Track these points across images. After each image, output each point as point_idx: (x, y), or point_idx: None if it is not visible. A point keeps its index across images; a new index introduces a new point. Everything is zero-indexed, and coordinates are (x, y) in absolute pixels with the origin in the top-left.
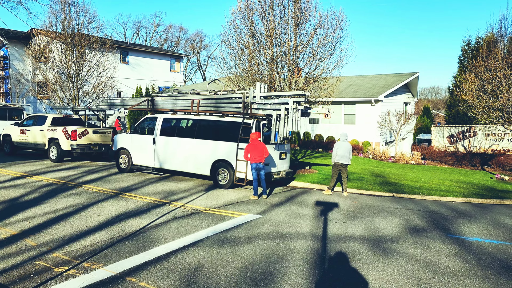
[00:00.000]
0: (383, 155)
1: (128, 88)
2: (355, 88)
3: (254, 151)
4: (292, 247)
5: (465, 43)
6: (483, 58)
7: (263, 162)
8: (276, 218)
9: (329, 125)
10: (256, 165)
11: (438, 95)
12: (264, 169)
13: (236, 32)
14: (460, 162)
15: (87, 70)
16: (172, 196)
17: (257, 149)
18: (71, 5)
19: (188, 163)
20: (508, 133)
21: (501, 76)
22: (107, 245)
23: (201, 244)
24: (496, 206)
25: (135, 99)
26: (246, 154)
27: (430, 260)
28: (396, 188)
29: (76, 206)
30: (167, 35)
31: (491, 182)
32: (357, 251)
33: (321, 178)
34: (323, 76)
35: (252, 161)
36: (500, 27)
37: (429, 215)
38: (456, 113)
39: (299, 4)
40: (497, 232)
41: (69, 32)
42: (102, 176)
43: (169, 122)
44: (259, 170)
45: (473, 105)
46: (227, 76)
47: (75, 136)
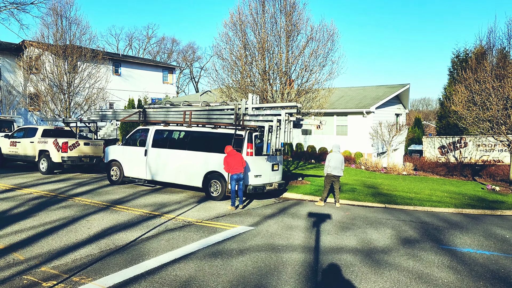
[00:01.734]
0: (375, 166)
1: (120, 100)
2: (347, 100)
3: (233, 162)
4: (285, 259)
5: (455, 55)
6: (472, 70)
7: (242, 172)
8: (268, 230)
9: (321, 136)
10: (237, 176)
11: (429, 106)
12: (243, 180)
13: (229, 44)
14: (452, 172)
15: (79, 81)
16: (164, 208)
17: (235, 160)
18: (64, 17)
19: (180, 175)
20: (498, 144)
21: (490, 88)
22: (97, 258)
23: (192, 257)
24: (487, 216)
25: (127, 111)
26: (226, 166)
27: (422, 272)
28: (388, 199)
29: (66, 219)
30: (159, 47)
31: (482, 192)
32: (349, 263)
33: (313, 190)
34: (315, 87)
35: (233, 172)
36: (488, 39)
37: (421, 226)
38: (447, 124)
39: (291, 16)
40: (488, 243)
41: (61, 44)
42: (93, 188)
43: (161, 133)
44: (239, 180)
45: (463, 116)
46: (219, 88)
47: (66, 148)
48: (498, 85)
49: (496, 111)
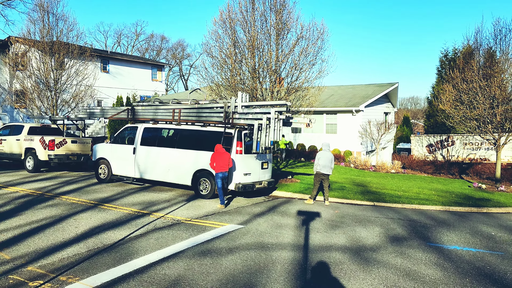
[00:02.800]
0: (364, 164)
1: (109, 97)
2: (336, 98)
3: (219, 160)
4: (274, 257)
5: (443, 55)
6: (460, 69)
7: (227, 171)
8: (258, 228)
9: (311, 135)
10: (222, 174)
11: (417, 105)
12: (227, 179)
13: (218, 41)
14: (439, 171)
15: (66, 78)
16: (153, 207)
17: (222, 159)
18: (50, 13)
19: (169, 173)
20: (484, 142)
21: (477, 87)
22: (84, 257)
23: (181, 256)
24: (474, 214)
25: (115, 109)
26: (212, 163)
27: (410, 269)
28: (377, 197)
29: (52, 217)
30: (148, 44)
31: (469, 190)
32: (338, 261)
33: (303, 188)
34: (305, 86)
35: (217, 170)
36: (475, 39)
37: (409, 223)
38: (434, 122)
39: (281, 14)
40: (474, 240)
41: (48, 40)
42: (81, 186)
43: (150, 131)
44: (224, 179)
45: (451, 115)
46: (209, 86)
47: (53, 146)
48: (485, 85)
49: (483, 110)
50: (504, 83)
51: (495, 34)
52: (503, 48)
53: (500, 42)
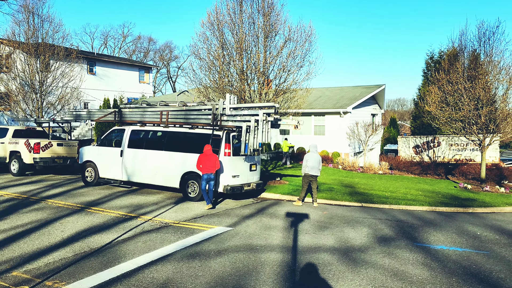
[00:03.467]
0: (352, 165)
1: (95, 100)
2: (324, 100)
3: (205, 162)
4: (263, 259)
5: (429, 57)
6: (445, 71)
7: (213, 173)
8: (246, 230)
9: (299, 136)
10: (207, 176)
11: (404, 107)
12: (214, 180)
13: (206, 43)
14: (426, 171)
15: (51, 80)
16: (140, 210)
17: (209, 160)
18: (36, 14)
19: (157, 175)
20: (470, 143)
21: (462, 89)
22: (70, 262)
23: (169, 259)
24: (460, 214)
25: (102, 111)
26: (198, 165)
27: (397, 269)
28: (365, 198)
29: (38, 222)
30: (136, 46)
31: (455, 190)
32: (327, 262)
33: (291, 189)
34: (293, 87)
35: (203, 172)
36: (460, 41)
37: (397, 224)
38: (421, 124)
39: (268, 17)
40: (461, 240)
41: (33, 42)
42: (67, 190)
43: (137, 134)
44: (209, 180)
45: (437, 116)
46: (197, 88)
47: (38, 149)
48: (470, 86)
49: (468, 111)
50: (488, 85)
51: (479, 37)
52: (487, 51)
53: (484, 44)
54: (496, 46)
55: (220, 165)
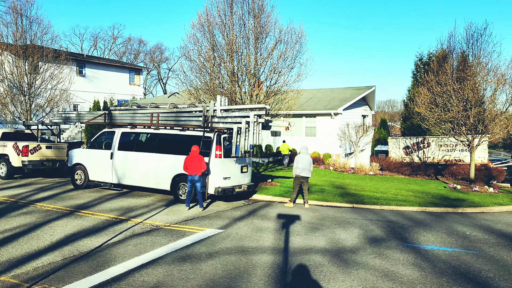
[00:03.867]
0: (343, 166)
1: (85, 102)
2: (315, 101)
3: (191, 163)
4: (254, 261)
5: (418, 58)
6: (434, 72)
7: (199, 175)
8: (238, 232)
9: (291, 138)
10: (191, 177)
11: (394, 108)
12: (199, 182)
13: (197, 45)
14: (416, 172)
15: (40, 82)
16: (131, 213)
17: (194, 161)
18: (24, 16)
19: (147, 178)
20: (459, 144)
21: (451, 90)
22: (60, 266)
23: (160, 262)
24: (449, 214)
25: (92, 113)
26: (184, 166)
27: (388, 270)
28: (356, 199)
29: (27, 225)
30: (126, 48)
31: (444, 191)
32: (318, 263)
33: (283, 191)
34: (284, 89)
35: (188, 173)
36: (449, 43)
37: (387, 224)
38: (411, 125)
39: (259, 18)
40: (450, 240)
41: (21, 43)
42: (56, 193)
43: (128, 136)
44: (194, 182)
45: (426, 118)
46: (187, 90)
47: (27, 151)
48: (458, 87)
49: (457, 112)
50: (477, 86)
51: (467, 39)
52: (475, 52)
53: (472, 46)
54: (484, 48)
55: (207, 167)
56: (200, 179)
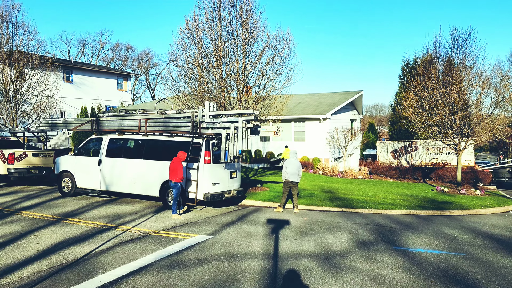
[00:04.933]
0: (333, 171)
1: (73, 108)
2: (304, 106)
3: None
4: (244, 267)
5: (405, 63)
6: (421, 77)
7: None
8: (227, 238)
9: (280, 143)
10: (173, 184)
11: (382, 112)
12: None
13: (185, 51)
14: (404, 175)
15: (26, 89)
16: (119, 220)
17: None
18: (9, 22)
19: (136, 184)
20: (446, 147)
21: (437, 94)
22: (46, 275)
23: (149, 269)
24: (437, 217)
25: (79, 120)
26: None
27: (377, 273)
28: (345, 203)
29: (12, 234)
30: (114, 54)
31: (432, 194)
32: (308, 268)
33: (272, 196)
34: (272, 94)
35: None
36: (434, 48)
37: (376, 228)
38: (398, 129)
39: (247, 24)
40: (438, 242)
41: (7, 50)
42: (43, 201)
43: (116, 142)
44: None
45: (413, 121)
46: (176, 95)
47: (13, 159)
48: (444, 92)
49: (443, 116)
50: (462, 90)
51: (453, 44)
52: (460, 57)
53: (457, 51)
54: (468, 53)
55: (185, 172)
56: (175, 185)
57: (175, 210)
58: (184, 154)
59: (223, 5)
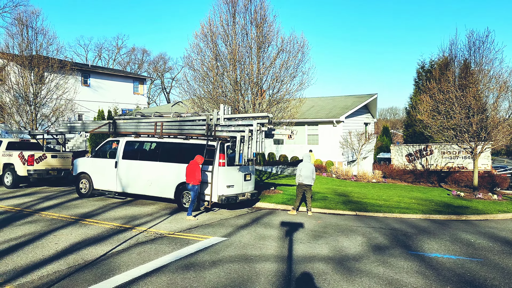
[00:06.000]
0: (346, 174)
1: (90, 111)
2: (317, 109)
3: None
4: (258, 269)
5: (420, 66)
6: (436, 80)
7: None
8: (241, 240)
9: (293, 146)
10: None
11: (396, 115)
12: (192, 191)
13: (200, 55)
14: (419, 179)
15: (46, 93)
16: (135, 221)
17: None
18: (29, 27)
19: (151, 186)
20: (462, 151)
21: (453, 97)
22: (64, 275)
23: (164, 270)
24: (453, 221)
25: (97, 122)
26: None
27: (392, 278)
28: (358, 207)
29: (32, 234)
30: (130, 58)
31: (448, 198)
32: (322, 271)
33: (286, 199)
34: (286, 97)
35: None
36: (450, 51)
37: (391, 232)
38: (413, 132)
39: (261, 28)
40: (455, 248)
41: (27, 54)
42: (61, 202)
43: (132, 145)
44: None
45: (429, 125)
46: (191, 98)
47: (32, 161)
48: (461, 95)
49: (459, 120)
50: (479, 93)
51: (469, 46)
52: (477, 60)
53: (474, 53)
54: (486, 55)
55: (203, 175)
56: (193, 187)
57: (191, 212)
58: (201, 158)
59: (237, 9)
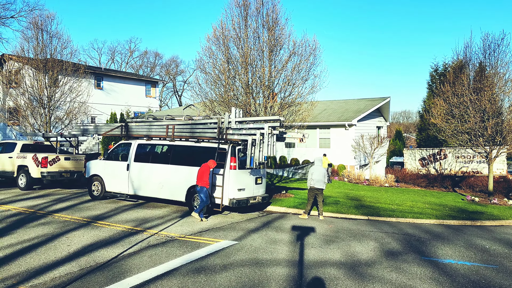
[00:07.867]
0: (358, 178)
1: (102, 114)
2: (329, 113)
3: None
4: (269, 274)
5: (433, 69)
6: (450, 83)
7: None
8: (252, 244)
9: (305, 149)
10: (199, 188)
11: (409, 119)
12: (202, 193)
13: (212, 58)
14: (432, 184)
15: (59, 95)
16: (146, 224)
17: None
18: (44, 31)
19: (163, 189)
20: (476, 156)
21: (468, 101)
22: (76, 277)
23: (175, 273)
24: (468, 227)
25: (109, 125)
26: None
27: (405, 284)
28: (371, 211)
29: (45, 236)
30: (142, 61)
31: (462, 203)
32: (333, 277)
33: (297, 202)
34: (298, 101)
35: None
36: (465, 54)
37: (404, 237)
38: (426, 136)
39: (273, 31)
40: (469, 254)
41: (42, 57)
42: (74, 204)
43: (144, 148)
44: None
45: (442, 129)
46: (202, 101)
47: (46, 163)
48: (475, 98)
49: (474, 124)
50: (494, 96)
51: (484, 49)
52: (492, 63)
53: (489, 57)
54: (501, 58)
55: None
56: (201, 189)
57: (198, 210)
58: (214, 162)
59: (249, 12)
